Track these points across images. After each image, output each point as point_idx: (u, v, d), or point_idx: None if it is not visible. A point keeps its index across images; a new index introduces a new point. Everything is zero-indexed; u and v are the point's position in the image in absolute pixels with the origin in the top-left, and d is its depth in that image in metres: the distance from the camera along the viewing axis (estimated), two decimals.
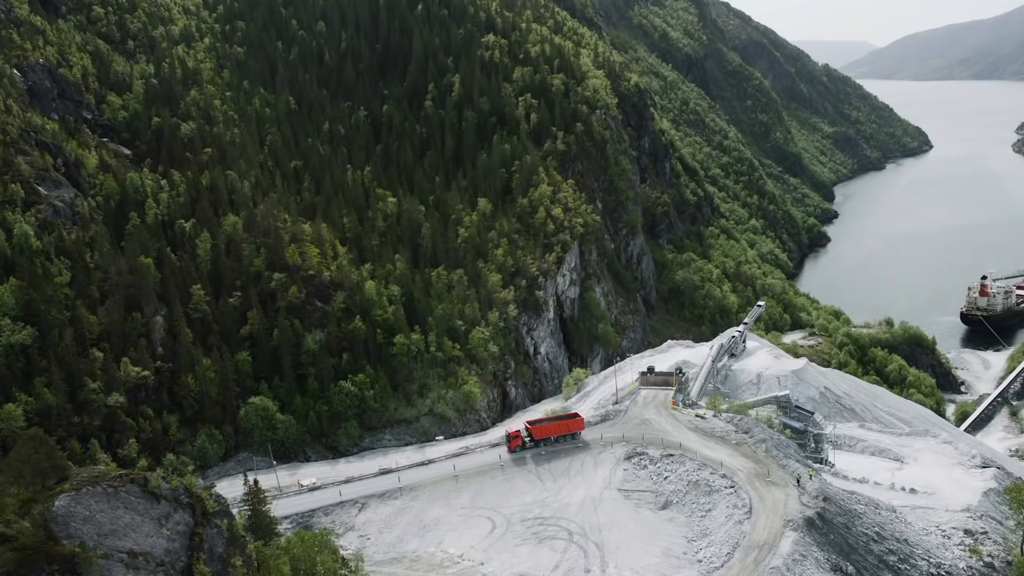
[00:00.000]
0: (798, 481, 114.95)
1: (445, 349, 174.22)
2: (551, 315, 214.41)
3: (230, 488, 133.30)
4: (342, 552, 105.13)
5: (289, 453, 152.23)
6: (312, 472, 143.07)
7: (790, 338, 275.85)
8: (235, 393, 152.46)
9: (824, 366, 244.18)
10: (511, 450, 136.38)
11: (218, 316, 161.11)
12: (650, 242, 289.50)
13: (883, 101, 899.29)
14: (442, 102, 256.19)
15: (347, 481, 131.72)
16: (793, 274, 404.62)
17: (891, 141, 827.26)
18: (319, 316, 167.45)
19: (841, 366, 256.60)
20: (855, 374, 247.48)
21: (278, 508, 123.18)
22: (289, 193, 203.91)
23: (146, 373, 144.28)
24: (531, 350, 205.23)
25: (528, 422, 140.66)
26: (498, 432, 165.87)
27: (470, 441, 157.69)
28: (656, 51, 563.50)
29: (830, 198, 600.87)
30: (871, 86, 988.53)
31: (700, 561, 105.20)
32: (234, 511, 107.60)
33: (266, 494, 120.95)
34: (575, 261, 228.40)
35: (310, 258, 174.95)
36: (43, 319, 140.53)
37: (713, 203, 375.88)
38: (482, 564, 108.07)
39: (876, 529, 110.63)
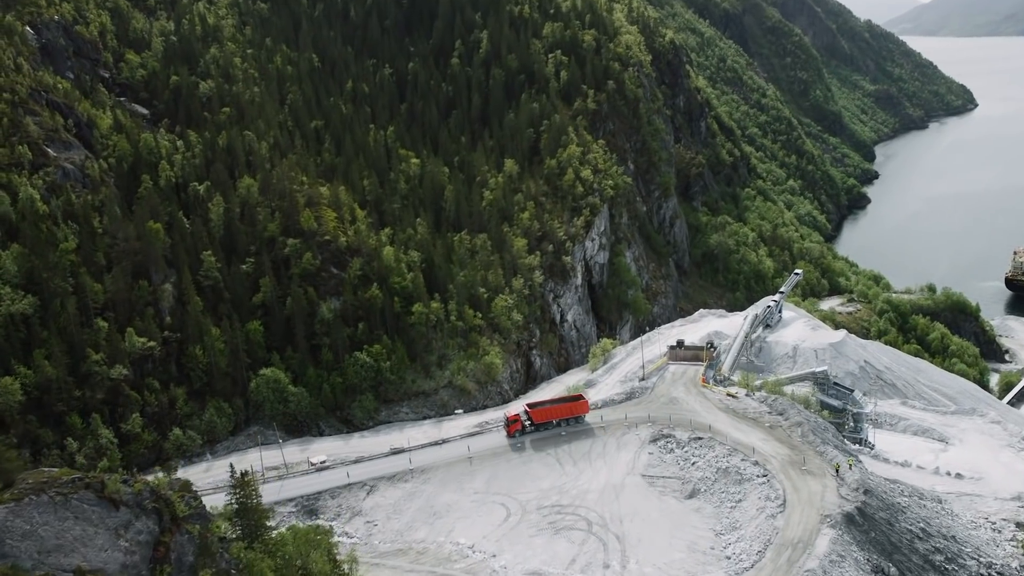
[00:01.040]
0: (836, 471, 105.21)
1: (466, 318, 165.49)
2: (579, 281, 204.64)
3: (238, 464, 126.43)
4: (340, 545, 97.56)
5: (301, 427, 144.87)
6: (324, 448, 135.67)
7: (828, 304, 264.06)
8: (245, 364, 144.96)
9: (863, 334, 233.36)
10: (510, 435, 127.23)
11: (230, 283, 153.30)
12: (683, 204, 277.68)
13: (927, 58, 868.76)
14: (469, 59, 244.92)
15: (357, 461, 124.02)
16: (831, 236, 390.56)
17: (934, 99, 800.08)
18: (334, 284, 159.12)
19: (880, 334, 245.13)
20: (895, 343, 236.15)
21: (283, 490, 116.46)
22: (308, 154, 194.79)
23: (152, 344, 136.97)
24: (557, 318, 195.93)
25: (528, 405, 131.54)
26: (522, 404, 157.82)
27: (491, 415, 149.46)
28: (693, 7, 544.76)
29: (871, 158, 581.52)
30: (915, 43, 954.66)
31: (728, 558, 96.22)
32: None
33: (261, 480, 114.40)
34: (604, 225, 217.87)
35: (326, 223, 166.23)
36: (45, 288, 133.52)
37: (750, 163, 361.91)
38: (494, 556, 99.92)
39: (921, 525, 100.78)
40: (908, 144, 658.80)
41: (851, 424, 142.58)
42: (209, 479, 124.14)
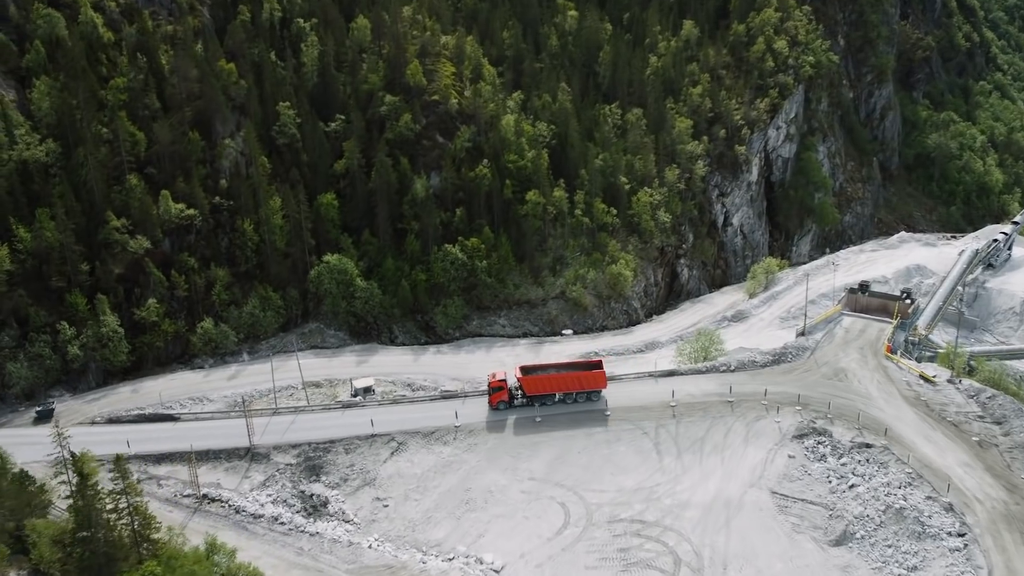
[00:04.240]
0: None
1: (596, 213, 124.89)
2: (753, 177, 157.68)
3: (277, 373, 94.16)
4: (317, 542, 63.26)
5: (369, 330, 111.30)
6: (385, 363, 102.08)
7: None
8: (310, 247, 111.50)
9: None
10: (493, 406, 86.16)
11: (309, 145, 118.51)
12: (900, 94, 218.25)
13: None
14: None
15: (395, 402, 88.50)
16: None
17: None
18: (436, 156, 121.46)
19: None
20: None
21: (293, 428, 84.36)
22: None
23: (191, 212, 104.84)
24: (720, 220, 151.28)
25: (521, 368, 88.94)
26: (650, 331, 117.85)
27: (608, 342, 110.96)
28: None
29: None
30: None
31: None
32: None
33: (271, 411, 79.97)
34: (796, 110, 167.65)
35: (440, 79, 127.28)
36: (71, 132, 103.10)
37: (989, 52, 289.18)
38: None
39: None
40: None
41: None
42: (227, 390, 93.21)
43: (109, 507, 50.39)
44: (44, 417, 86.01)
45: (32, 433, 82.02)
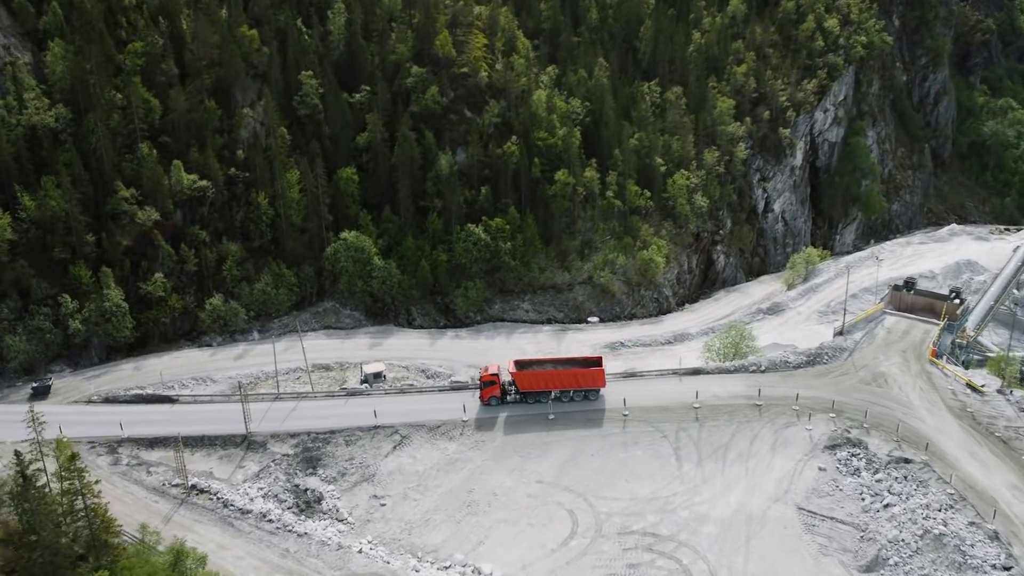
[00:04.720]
0: None
1: (628, 196, 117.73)
2: (797, 162, 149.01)
3: (286, 354, 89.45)
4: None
5: (386, 311, 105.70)
6: (398, 347, 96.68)
7: None
8: (327, 223, 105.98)
9: None
10: (484, 402, 79.68)
11: (331, 116, 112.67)
12: (956, 79, 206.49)
13: None
14: None
15: (402, 391, 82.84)
16: None
17: None
18: (463, 131, 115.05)
19: None
20: None
21: (293, 415, 79.22)
22: None
23: (204, 183, 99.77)
24: (760, 206, 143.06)
25: (516, 363, 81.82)
26: (680, 322, 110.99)
27: (634, 332, 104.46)
28: None
29: None
30: None
31: None
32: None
33: (273, 396, 74.26)
34: (845, 93, 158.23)
35: (471, 51, 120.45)
36: (82, 97, 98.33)
37: None
38: None
39: None
40: None
41: None
42: (233, 371, 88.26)
43: (64, 509, 45.60)
44: (40, 394, 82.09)
45: (26, 410, 77.71)
